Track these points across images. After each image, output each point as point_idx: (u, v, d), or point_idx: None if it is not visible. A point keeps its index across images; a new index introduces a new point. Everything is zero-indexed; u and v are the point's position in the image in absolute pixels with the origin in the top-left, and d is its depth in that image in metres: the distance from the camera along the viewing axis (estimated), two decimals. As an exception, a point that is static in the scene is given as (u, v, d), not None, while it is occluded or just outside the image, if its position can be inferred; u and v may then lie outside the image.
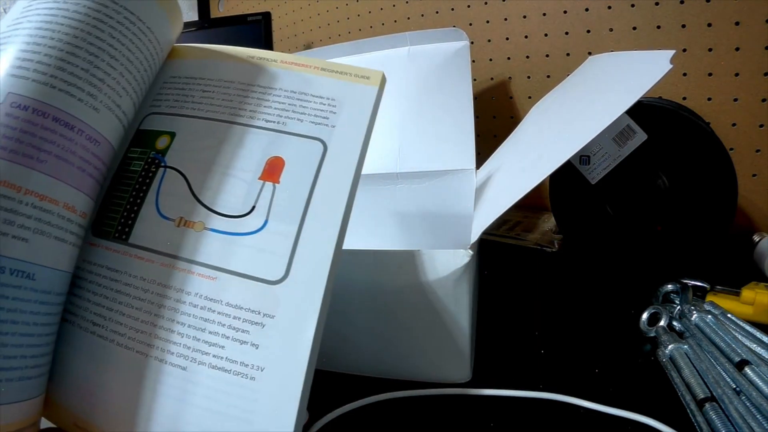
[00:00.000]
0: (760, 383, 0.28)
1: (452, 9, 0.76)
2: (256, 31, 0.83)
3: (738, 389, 0.29)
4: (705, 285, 0.41)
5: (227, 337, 0.20)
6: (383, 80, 0.25)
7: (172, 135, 0.25)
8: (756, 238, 0.49)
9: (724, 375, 0.30)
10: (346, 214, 0.22)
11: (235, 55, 0.27)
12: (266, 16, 0.84)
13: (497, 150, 0.49)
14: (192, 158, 0.24)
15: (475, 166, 0.42)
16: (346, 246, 0.23)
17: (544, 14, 0.67)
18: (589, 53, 0.63)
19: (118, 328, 0.21)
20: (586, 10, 0.63)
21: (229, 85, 0.26)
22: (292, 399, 0.19)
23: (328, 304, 0.21)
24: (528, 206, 0.70)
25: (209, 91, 0.26)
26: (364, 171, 0.46)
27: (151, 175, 0.24)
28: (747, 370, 0.29)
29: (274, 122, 0.24)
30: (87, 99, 0.21)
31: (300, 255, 0.21)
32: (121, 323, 0.21)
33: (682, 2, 0.55)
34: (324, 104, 0.25)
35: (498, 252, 0.57)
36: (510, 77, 0.72)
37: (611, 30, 0.62)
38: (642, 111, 0.45)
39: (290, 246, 0.22)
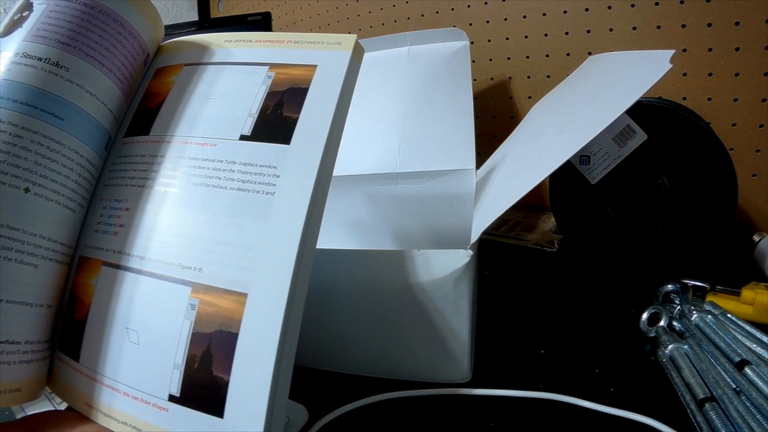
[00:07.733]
0: (760, 383, 0.28)
1: (452, 9, 0.76)
2: (256, 31, 0.83)
3: (738, 389, 0.29)
4: (705, 285, 0.41)
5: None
6: (357, 45, 0.26)
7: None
8: (756, 238, 0.49)
9: (724, 375, 0.30)
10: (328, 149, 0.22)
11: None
12: (266, 16, 0.84)
13: (497, 150, 0.48)
14: None
15: (475, 166, 0.42)
16: (345, 247, 0.23)
17: (544, 14, 0.67)
18: (589, 53, 0.63)
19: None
20: (586, 10, 0.63)
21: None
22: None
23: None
24: (528, 206, 0.70)
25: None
26: (364, 171, 0.46)
27: None
28: (747, 370, 0.29)
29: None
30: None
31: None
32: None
33: (682, 2, 0.55)
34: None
35: (498, 252, 0.57)
36: (510, 77, 0.72)
37: (611, 30, 0.62)
38: (642, 111, 0.45)
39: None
